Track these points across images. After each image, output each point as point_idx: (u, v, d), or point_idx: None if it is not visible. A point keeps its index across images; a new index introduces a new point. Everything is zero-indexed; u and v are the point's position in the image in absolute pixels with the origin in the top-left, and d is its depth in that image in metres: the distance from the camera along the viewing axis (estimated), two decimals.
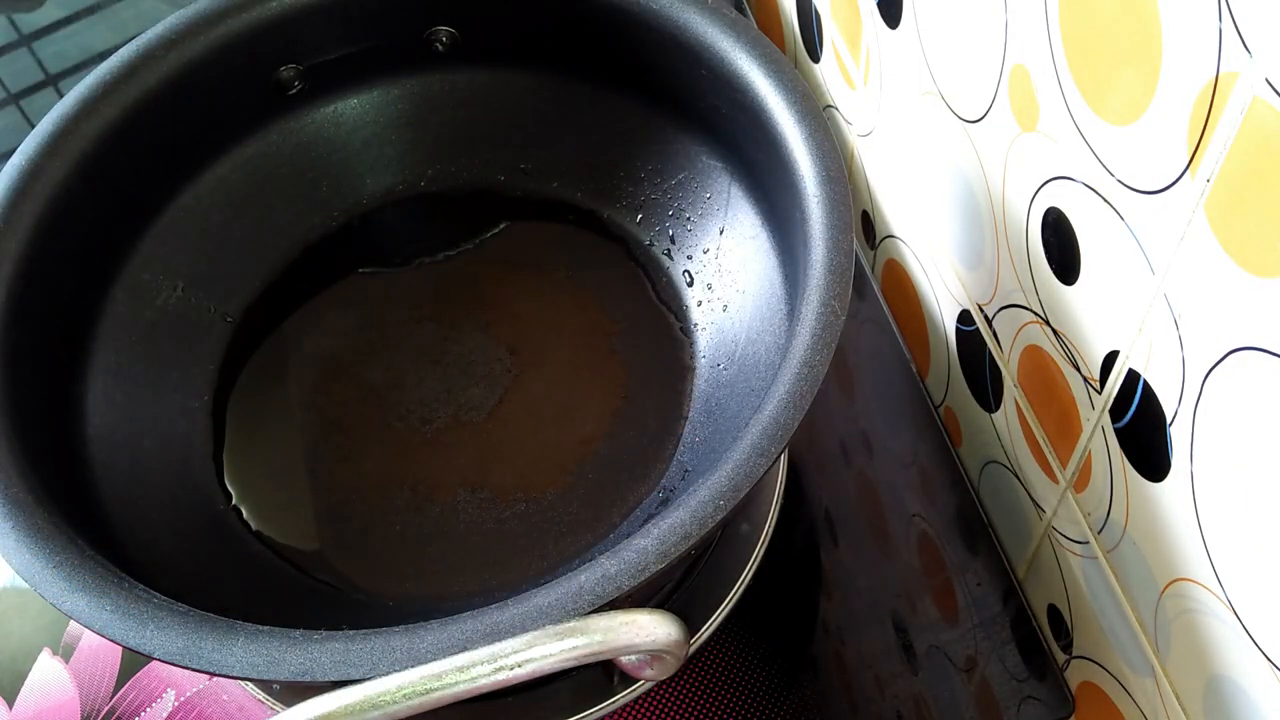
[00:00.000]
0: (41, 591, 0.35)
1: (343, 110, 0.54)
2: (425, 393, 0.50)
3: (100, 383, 0.45)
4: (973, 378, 0.53)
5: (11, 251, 0.42)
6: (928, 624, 0.50)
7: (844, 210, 0.41)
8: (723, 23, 0.46)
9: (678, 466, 0.47)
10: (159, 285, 0.49)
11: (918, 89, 0.50)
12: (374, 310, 0.53)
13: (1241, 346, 0.32)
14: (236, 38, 0.48)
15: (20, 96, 0.71)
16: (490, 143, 0.55)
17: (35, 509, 0.36)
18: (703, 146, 0.51)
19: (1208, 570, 0.36)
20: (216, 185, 0.51)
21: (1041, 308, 0.44)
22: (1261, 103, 0.29)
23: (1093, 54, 0.35)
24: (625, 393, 0.49)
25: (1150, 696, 0.43)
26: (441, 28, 0.52)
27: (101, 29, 0.74)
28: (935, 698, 0.49)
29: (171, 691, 0.49)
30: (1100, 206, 0.37)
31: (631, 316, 0.52)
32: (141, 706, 0.49)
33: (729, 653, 0.50)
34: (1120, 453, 0.40)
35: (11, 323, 0.41)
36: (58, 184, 0.43)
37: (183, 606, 0.35)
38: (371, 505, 0.47)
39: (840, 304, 0.38)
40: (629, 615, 0.32)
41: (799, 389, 0.37)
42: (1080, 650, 0.48)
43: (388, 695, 0.30)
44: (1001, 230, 0.45)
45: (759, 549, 0.48)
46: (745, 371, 0.47)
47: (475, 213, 0.55)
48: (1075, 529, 0.46)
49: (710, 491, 0.35)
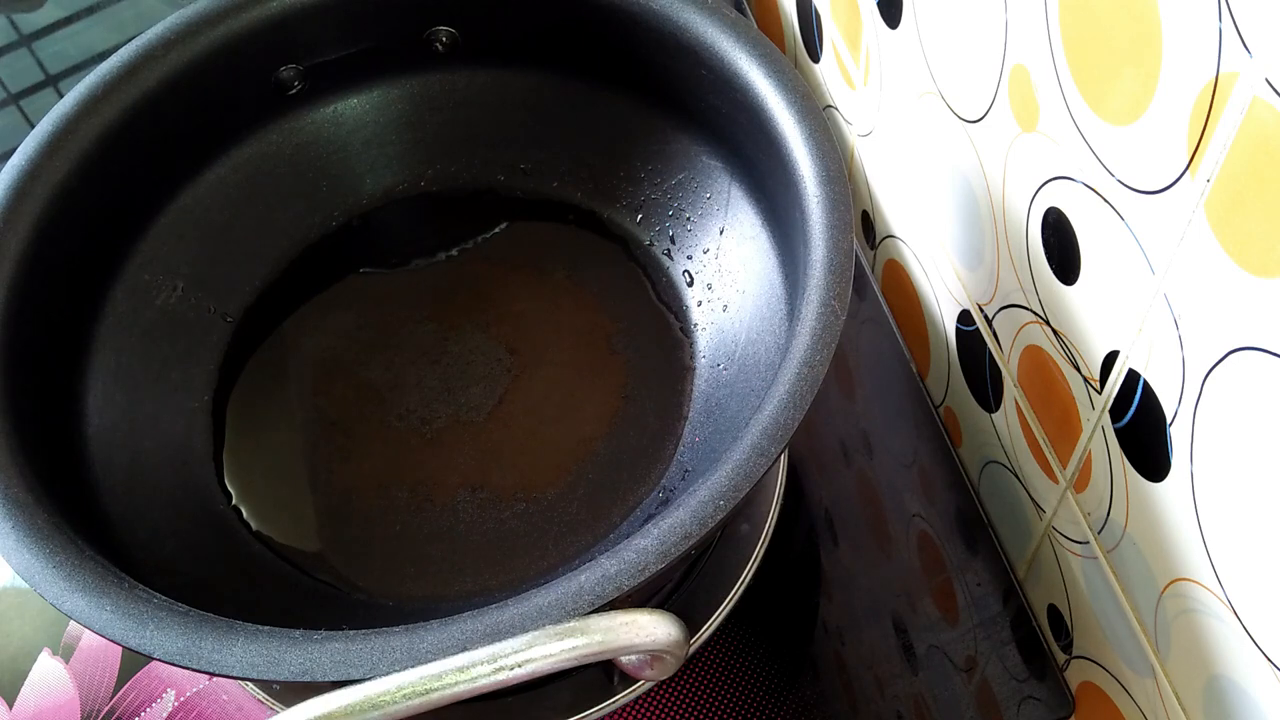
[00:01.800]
0: (41, 591, 0.35)
1: (343, 110, 0.54)
2: (425, 393, 0.50)
3: (100, 383, 0.45)
4: (973, 378, 0.53)
5: (11, 251, 0.42)
6: (928, 624, 0.50)
7: (844, 210, 0.41)
8: (723, 23, 0.46)
9: (678, 466, 0.47)
10: (159, 285, 0.49)
11: (918, 89, 0.50)
12: (374, 310, 0.53)
13: (1241, 346, 0.32)
14: (236, 38, 0.48)
15: (20, 96, 0.71)
16: (490, 143, 0.55)
17: (35, 509, 0.36)
18: (703, 146, 0.51)
19: (1208, 570, 0.36)
20: (216, 185, 0.51)
21: (1041, 308, 0.44)
22: (1261, 103, 0.29)
23: (1093, 54, 0.35)
24: (625, 393, 0.49)
25: (1150, 696, 0.43)
26: (441, 28, 0.52)
27: (101, 29, 0.74)
28: (935, 698, 0.49)
29: (171, 691, 0.49)
30: (1100, 206, 0.37)
31: (631, 316, 0.52)
32: (141, 706, 0.49)
33: (729, 653, 0.50)
34: (1120, 453, 0.40)
35: (11, 322, 0.41)
36: (58, 184, 0.43)
37: (183, 606, 0.35)
38: (371, 505, 0.47)
39: (840, 304, 0.38)
40: (629, 615, 0.32)
41: (799, 389, 0.37)
42: (1080, 650, 0.48)
43: (388, 695, 0.30)
44: (1001, 230, 0.45)
45: (759, 549, 0.48)
46: (745, 371, 0.47)
47: (475, 213, 0.55)
48: (1075, 529, 0.46)
49: (710, 491, 0.35)
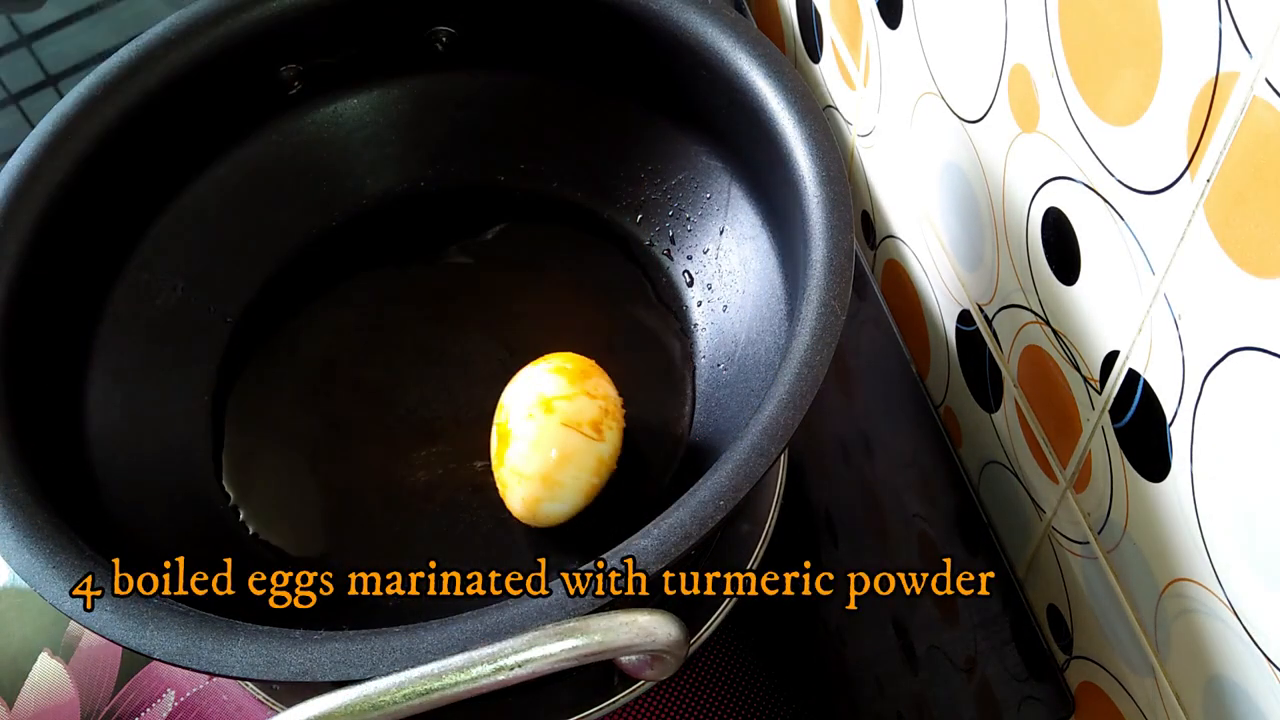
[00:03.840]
0: (41, 591, 0.35)
1: (343, 110, 0.54)
2: (425, 393, 0.50)
3: (100, 383, 0.45)
4: (973, 378, 0.53)
5: (11, 251, 0.42)
6: (928, 624, 0.50)
7: (844, 210, 0.41)
8: (723, 23, 0.46)
9: (678, 466, 0.47)
10: (159, 285, 0.49)
11: (917, 89, 0.50)
12: (374, 310, 0.53)
13: (1241, 346, 0.32)
14: (236, 38, 0.48)
15: (20, 96, 0.71)
16: (490, 143, 0.55)
17: (35, 509, 0.36)
18: (703, 146, 0.51)
19: (1208, 570, 0.36)
20: (216, 185, 0.51)
21: (1041, 308, 0.44)
22: (1261, 103, 0.29)
23: (1093, 54, 0.35)
24: (625, 393, 0.49)
25: (1150, 696, 0.43)
26: (441, 28, 0.52)
27: (101, 29, 0.74)
28: (935, 698, 0.49)
29: (171, 692, 0.49)
30: (1100, 206, 0.37)
31: (631, 316, 0.52)
32: (141, 707, 0.49)
33: (729, 653, 0.50)
34: (1120, 453, 0.40)
35: (12, 323, 0.41)
36: (58, 184, 0.43)
37: (183, 606, 0.35)
38: (371, 505, 0.47)
39: (840, 304, 0.38)
40: (629, 615, 0.32)
41: (799, 389, 0.37)
42: (1080, 650, 0.48)
43: (388, 695, 0.30)
44: (1001, 230, 0.45)
45: (759, 549, 0.48)
46: (745, 371, 0.47)
47: (475, 213, 0.55)
48: (1075, 529, 0.46)
49: (710, 491, 0.35)
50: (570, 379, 0.44)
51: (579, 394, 0.44)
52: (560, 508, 0.44)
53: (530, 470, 0.43)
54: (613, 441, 0.44)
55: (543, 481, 0.43)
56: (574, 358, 0.45)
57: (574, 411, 0.43)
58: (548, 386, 0.44)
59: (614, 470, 0.45)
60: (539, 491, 0.43)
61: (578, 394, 0.44)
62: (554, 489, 0.43)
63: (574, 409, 0.43)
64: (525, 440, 0.43)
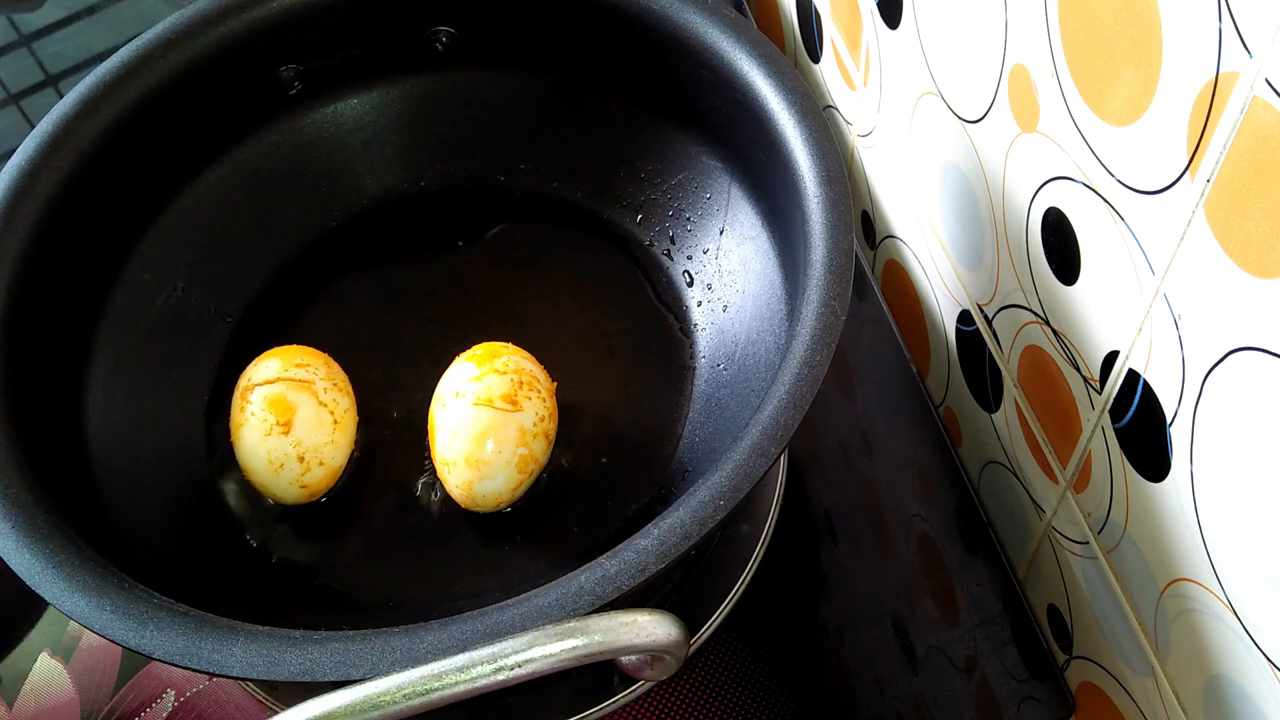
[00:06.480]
0: (41, 591, 0.35)
1: (343, 110, 0.54)
2: (425, 392, 0.50)
3: (100, 383, 0.45)
4: (973, 378, 0.53)
5: (11, 251, 0.42)
6: (928, 624, 0.50)
7: (844, 210, 0.41)
8: (723, 23, 0.46)
9: (678, 466, 0.47)
10: (159, 285, 0.49)
11: (917, 89, 0.50)
12: (374, 310, 0.53)
13: (1241, 346, 0.32)
14: (236, 38, 0.48)
15: (20, 96, 0.71)
16: (490, 143, 0.55)
17: (35, 509, 0.36)
18: (703, 146, 0.51)
19: (1208, 570, 0.36)
20: (216, 185, 0.51)
21: (1041, 308, 0.44)
22: (1261, 103, 0.29)
23: (1093, 54, 0.35)
24: (625, 393, 0.49)
25: (1150, 696, 0.43)
26: (441, 28, 0.52)
27: (101, 29, 0.74)
28: (935, 698, 0.49)
29: (171, 692, 0.49)
30: (1100, 206, 0.37)
31: (631, 316, 0.52)
32: (141, 707, 0.49)
33: (729, 653, 0.50)
34: (1120, 453, 0.40)
35: (12, 323, 0.41)
36: (58, 184, 0.43)
37: (183, 606, 0.35)
38: (371, 506, 0.47)
39: (840, 304, 0.38)
40: (629, 615, 0.32)
41: (799, 389, 0.37)
42: (1080, 650, 0.48)
43: (388, 695, 0.30)
44: (1001, 230, 0.45)
45: (759, 549, 0.48)
46: (745, 371, 0.47)
47: (475, 213, 0.55)
48: (1075, 529, 0.46)
49: (710, 491, 0.35)
50: (478, 362, 0.45)
51: (487, 373, 0.44)
52: (494, 484, 0.44)
53: (454, 455, 0.44)
54: (534, 410, 0.44)
55: (469, 463, 0.43)
56: (486, 345, 0.46)
57: (482, 390, 0.44)
58: (457, 375, 0.45)
59: (550, 437, 0.45)
60: (468, 474, 0.44)
61: (485, 373, 0.44)
62: (481, 468, 0.44)
63: (482, 388, 0.44)
64: (445, 429, 0.44)
